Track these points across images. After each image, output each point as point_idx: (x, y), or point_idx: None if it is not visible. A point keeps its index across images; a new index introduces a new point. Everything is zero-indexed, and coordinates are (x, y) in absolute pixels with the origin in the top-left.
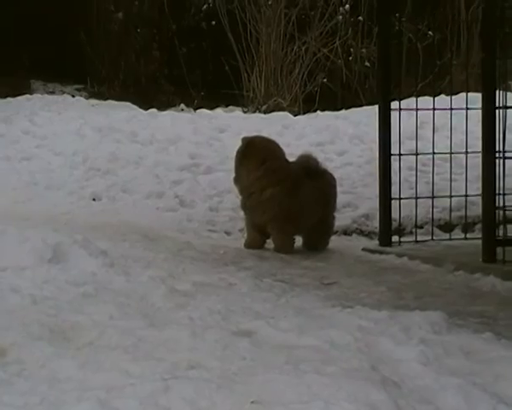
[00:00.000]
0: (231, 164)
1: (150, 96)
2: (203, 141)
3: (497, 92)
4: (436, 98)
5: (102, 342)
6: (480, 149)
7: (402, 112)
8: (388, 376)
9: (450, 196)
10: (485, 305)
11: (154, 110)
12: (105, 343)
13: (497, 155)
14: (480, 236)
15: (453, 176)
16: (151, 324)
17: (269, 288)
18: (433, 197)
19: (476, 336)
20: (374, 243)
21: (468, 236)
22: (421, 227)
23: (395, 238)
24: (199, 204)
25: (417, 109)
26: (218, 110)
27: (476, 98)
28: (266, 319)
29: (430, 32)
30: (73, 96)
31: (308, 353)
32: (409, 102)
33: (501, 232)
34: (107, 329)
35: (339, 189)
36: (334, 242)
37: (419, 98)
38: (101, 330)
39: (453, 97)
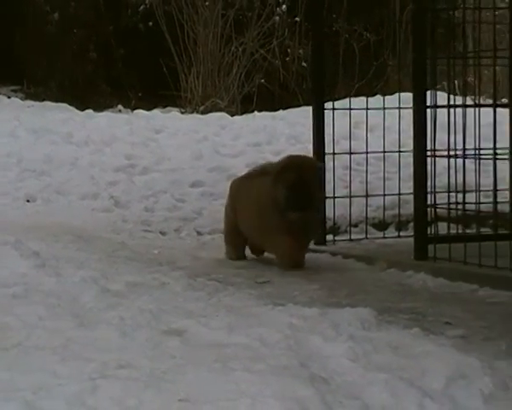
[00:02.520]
0: (167, 164)
1: (87, 97)
2: (139, 142)
3: (429, 92)
4: (372, 98)
5: (31, 343)
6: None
7: (338, 112)
8: (317, 372)
9: (384, 195)
10: (415, 301)
11: (90, 111)
12: (33, 344)
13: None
14: (412, 234)
15: (387, 175)
16: (81, 324)
17: (202, 287)
18: (367, 196)
19: (405, 332)
20: None
21: (401, 234)
22: (356, 226)
23: (330, 237)
24: (134, 205)
25: (351, 109)
26: (156, 111)
27: (410, 98)
28: (198, 317)
29: (366, 33)
30: (9, 98)
31: (238, 351)
32: (345, 103)
33: (433, 230)
34: (35, 330)
35: None
36: None
37: (356, 98)
38: (30, 330)
39: (389, 97)
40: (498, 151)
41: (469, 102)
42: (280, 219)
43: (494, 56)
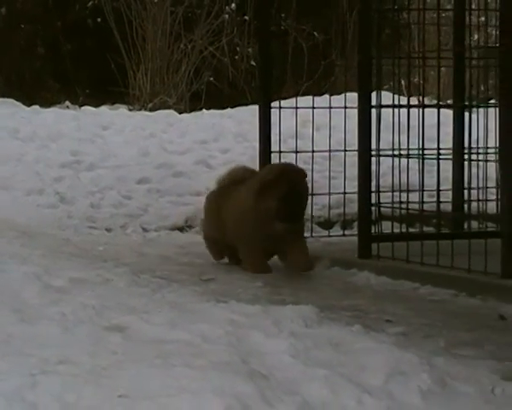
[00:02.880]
0: (114, 161)
1: (34, 92)
2: (86, 138)
3: (376, 92)
4: (319, 98)
5: None
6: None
7: (286, 111)
8: (257, 368)
9: (329, 194)
10: (358, 299)
11: (36, 107)
12: None
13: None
14: (357, 232)
15: (333, 174)
16: (22, 319)
17: (146, 283)
18: (312, 195)
19: (346, 329)
20: None
21: (346, 232)
22: None
23: None
24: (80, 201)
25: (297, 108)
26: (103, 108)
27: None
28: (140, 313)
29: (315, 33)
30: None
31: (179, 347)
32: (293, 102)
33: (377, 229)
34: None
35: None
36: None
37: (303, 98)
38: None
39: (336, 97)
40: (442, 151)
41: (415, 102)
42: (254, 230)
43: (438, 57)
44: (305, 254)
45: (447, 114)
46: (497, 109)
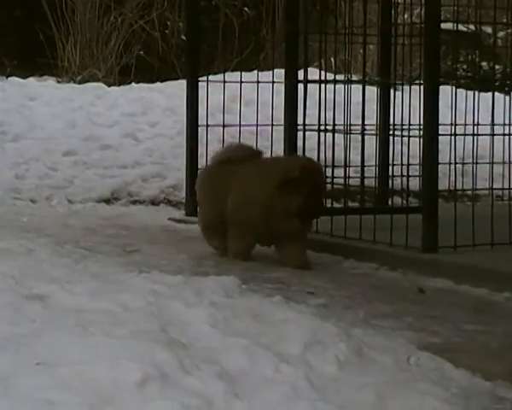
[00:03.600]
0: (40, 133)
1: None
2: (12, 109)
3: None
4: (249, 73)
5: None
6: None
7: (216, 86)
8: (177, 337)
9: None
10: (281, 272)
11: None
12: None
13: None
14: None
15: (262, 149)
16: None
17: (69, 254)
18: None
19: (267, 300)
20: (180, 213)
21: None
22: None
23: None
24: (4, 172)
25: (224, 82)
26: (31, 79)
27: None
28: (61, 283)
29: (246, 9)
30: None
31: (99, 316)
32: (225, 77)
33: None
34: None
35: (148, 159)
36: (141, 211)
37: (234, 73)
38: None
39: (266, 73)
40: (367, 128)
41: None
42: (259, 219)
43: (364, 34)
44: (302, 250)
45: (374, 92)
46: (422, 87)
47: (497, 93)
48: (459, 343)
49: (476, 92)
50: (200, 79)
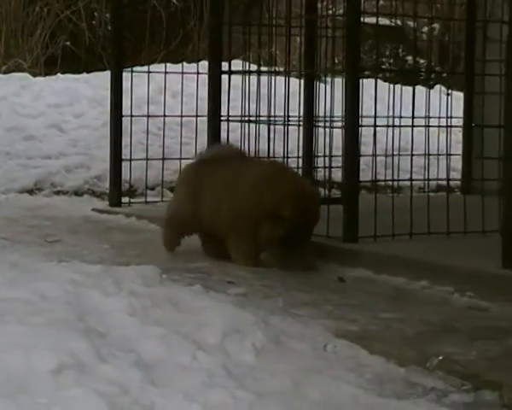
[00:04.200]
0: None
1: None
2: None
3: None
4: (177, 65)
5: None
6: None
7: (144, 77)
8: (94, 326)
9: (180, 159)
10: (203, 262)
11: None
12: None
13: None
14: None
15: (187, 140)
16: None
17: None
18: (163, 159)
19: (186, 289)
20: (104, 204)
21: None
22: (153, 189)
23: (126, 199)
24: None
25: (149, 72)
26: None
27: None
28: None
29: (174, 1)
30: None
31: (15, 305)
32: (152, 68)
33: None
34: None
35: (73, 150)
36: (65, 202)
37: (161, 65)
38: None
39: (194, 64)
40: (291, 119)
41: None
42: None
43: (288, 25)
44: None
45: (301, 84)
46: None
47: (419, 87)
48: (375, 331)
49: (401, 86)
50: (125, 70)
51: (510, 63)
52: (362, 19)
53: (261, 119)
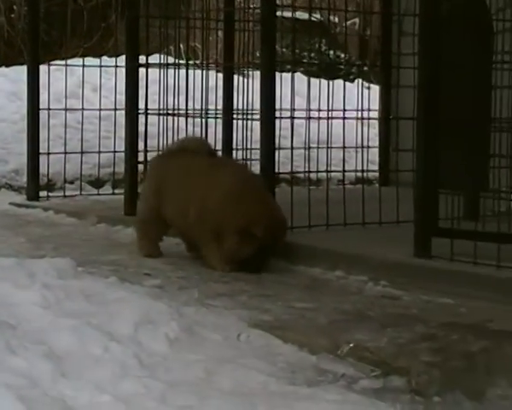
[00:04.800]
0: None
1: None
2: None
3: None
4: (97, 59)
5: None
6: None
7: (64, 72)
8: (5, 319)
9: (99, 152)
10: (120, 254)
11: None
12: None
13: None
14: None
15: (108, 134)
16: None
17: None
18: (82, 153)
19: (101, 281)
20: (22, 198)
21: (116, 191)
22: (72, 183)
23: (45, 193)
24: None
25: (66, 66)
26: None
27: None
28: None
29: None
30: None
31: None
32: (71, 62)
33: None
34: None
35: None
36: None
37: (86, 58)
38: None
39: (114, 59)
40: (211, 112)
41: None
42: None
43: (203, 18)
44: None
45: (215, 77)
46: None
47: (337, 80)
48: (289, 320)
49: (319, 80)
50: (43, 63)
51: (422, 56)
52: (280, 13)
53: (180, 112)
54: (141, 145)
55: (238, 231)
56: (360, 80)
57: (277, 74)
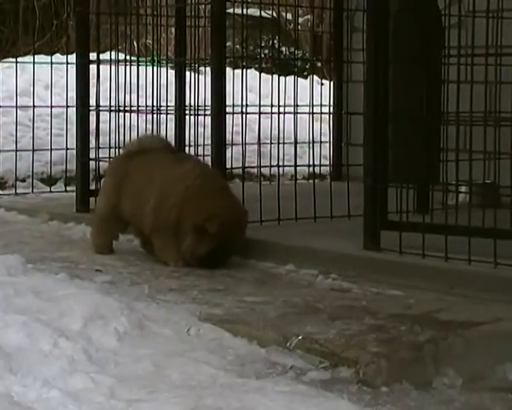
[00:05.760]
0: None
1: None
2: None
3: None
4: (54, 56)
5: None
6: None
7: (19, 69)
8: None
9: (51, 150)
10: (71, 251)
11: None
12: None
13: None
14: None
15: (59, 131)
16: None
17: None
18: (33, 150)
19: (50, 277)
20: None
21: (68, 188)
22: (24, 181)
23: None
24: None
25: (17, 63)
26: None
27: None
28: None
29: None
30: None
31: None
32: (25, 60)
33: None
34: None
35: None
36: None
37: (38, 56)
38: None
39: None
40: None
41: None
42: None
43: (153, 14)
44: None
45: (166, 73)
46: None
47: (290, 77)
48: (240, 314)
49: (271, 75)
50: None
51: (370, 51)
52: (232, 9)
53: (133, 108)
54: (93, 142)
55: (193, 229)
56: (314, 76)
57: (230, 71)
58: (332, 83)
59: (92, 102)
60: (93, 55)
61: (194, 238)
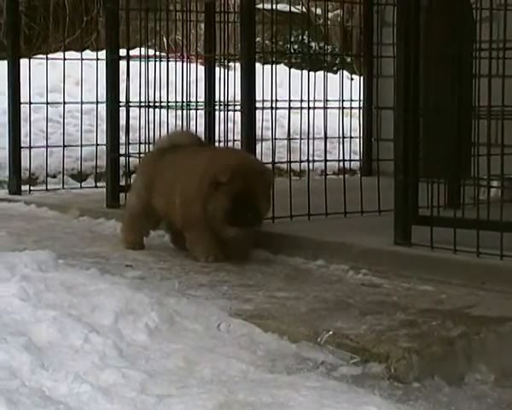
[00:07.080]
0: None
1: None
2: None
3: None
4: (84, 53)
5: None
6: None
7: (49, 65)
8: None
9: (81, 146)
10: (102, 246)
11: None
12: None
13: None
14: None
15: (89, 127)
16: None
17: None
18: (64, 147)
19: (81, 273)
20: (4, 192)
21: (99, 184)
22: (55, 176)
23: (27, 187)
24: None
25: (47, 59)
26: None
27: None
28: None
29: None
30: None
31: None
32: (55, 57)
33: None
34: None
35: None
36: None
37: (68, 52)
38: None
39: (101, 52)
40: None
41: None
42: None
43: (183, 10)
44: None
45: (196, 69)
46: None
47: (320, 72)
48: (270, 309)
49: (301, 71)
50: (28, 57)
51: (401, 46)
52: (262, 4)
53: (163, 104)
54: (123, 138)
55: (209, 187)
56: (343, 71)
57: (260, 66)
58: (362, 78)
59: (122, 98)
60: (123, 52)
61: (212, 196)
